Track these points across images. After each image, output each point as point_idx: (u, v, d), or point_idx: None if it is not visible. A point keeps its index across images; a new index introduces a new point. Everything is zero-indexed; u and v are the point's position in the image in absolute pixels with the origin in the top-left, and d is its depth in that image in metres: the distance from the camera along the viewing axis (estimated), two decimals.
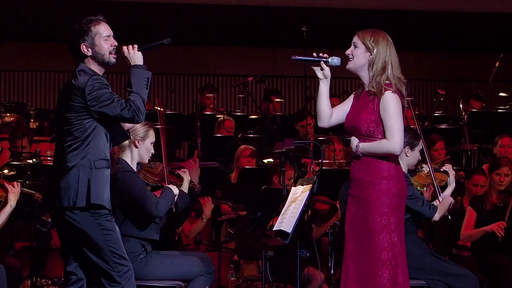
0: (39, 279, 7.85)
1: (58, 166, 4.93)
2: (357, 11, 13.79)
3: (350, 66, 5.09)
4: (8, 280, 6.17)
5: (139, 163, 5.85)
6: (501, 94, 11.86)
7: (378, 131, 5.00)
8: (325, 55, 5.12)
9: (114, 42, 4.97)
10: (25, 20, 13.56)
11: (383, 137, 4.99)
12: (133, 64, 4.97)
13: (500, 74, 10.74)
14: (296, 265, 5.45)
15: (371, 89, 5.02)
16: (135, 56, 4.97)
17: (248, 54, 13.92)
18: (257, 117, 10.51)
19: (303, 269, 6.03)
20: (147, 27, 13.46)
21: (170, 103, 12.66)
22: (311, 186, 5.30)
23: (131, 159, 5.79)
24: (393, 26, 13.32)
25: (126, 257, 4.96)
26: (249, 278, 7.76)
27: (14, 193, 6.29)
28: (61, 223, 4.95)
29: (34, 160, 8.61)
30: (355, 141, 5.06)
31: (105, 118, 4.88)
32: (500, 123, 10.16)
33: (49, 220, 6.84)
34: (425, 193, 6.26)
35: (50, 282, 8.00)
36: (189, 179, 6.08)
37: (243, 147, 8.90)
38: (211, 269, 5.81)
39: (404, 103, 5.07)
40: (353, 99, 5.18)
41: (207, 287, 5.79)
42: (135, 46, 5.00)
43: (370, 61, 5.04)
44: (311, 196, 5.32)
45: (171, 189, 5.77)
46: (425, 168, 6.28)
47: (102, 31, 4.94)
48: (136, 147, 5.78)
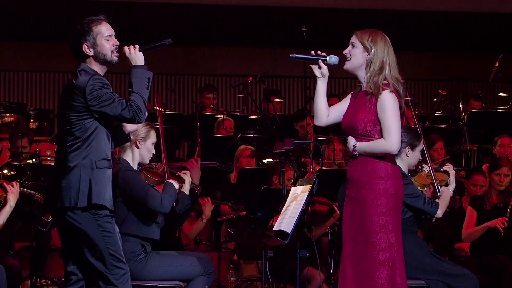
0: (38, 279, 7.85)
1: (59, 166, 4.93)
2: (356, 11, 13.77)
3: (347, 66, 5.09)
4: (8, 280, 6.16)
5: (140, 164, 5.85)
6: (501, 94, 11.85)
7: (375, 130, 5.00)
8: (323, 54, 5.11)
9: (116, 41, 4.97)
10: (25, 20, 13.54)
11: (380, 137, 4.98)
12: (134, 64, 4.97)
13: (500, 74, 10.73)
14: (295, 265, 5.45)
15: (368, 89, 5.03)
16: (136, 56, 4.97)
17: (248, 54, 13.91)
18: (257, 117, 10.49)
19: (302, 269, 6.03)
20: (147, 27, 13.45)
21: (170, 103, 12.64)
22: (310, 186, 5.30)
23: (132, 159, 5.79)
24: (393, 26, 13.32)
25: (123, 260, 4.95)
26: (248, 278, 7.76)
27: (13, 193, 6.28)
28: (61, 223, 4.95)
29: (34, 160, 8.60)
30: (352, 140, 5.06)
31: (106, 118, 4.87)
32: (500, 123, 10.14)
33: (49, 220, 6.85)
34: (426, 193, 6.25)
35: (50, 282, 8.00)
36: (190, 180, 6.07)
37: (242, 147, 8.89)
38: (211, 269, 5.81)
39: (401, 103, 5.07)
40: (350, 99, 5.18)
41: (207, 287, 5.79)
42: (136, 46, 5.00)
43: (368, 61, 5.03)
44: (311, 196, 5.32)
45: (173, 184, 5.78)
46: (426, 168, 6.26)
47: (103, 30, 4.94)
48: (137, 147, 5.78)
